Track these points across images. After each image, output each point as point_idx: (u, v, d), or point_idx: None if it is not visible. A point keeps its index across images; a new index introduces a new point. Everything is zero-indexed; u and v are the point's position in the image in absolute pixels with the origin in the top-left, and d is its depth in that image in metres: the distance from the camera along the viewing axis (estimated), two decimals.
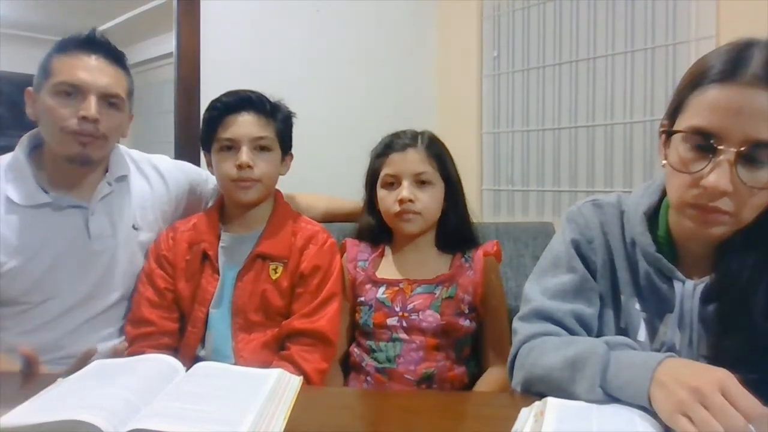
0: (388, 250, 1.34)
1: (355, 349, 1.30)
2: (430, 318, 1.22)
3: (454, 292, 1.25)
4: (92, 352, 1.06)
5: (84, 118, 1.12)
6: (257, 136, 1.24)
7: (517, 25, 2.28)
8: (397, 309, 1.24)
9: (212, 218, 1.30)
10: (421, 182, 1.25)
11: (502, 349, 1.22)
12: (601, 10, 2.03)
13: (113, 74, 1.18)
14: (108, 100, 1.17)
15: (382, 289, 1.27)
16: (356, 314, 1.30)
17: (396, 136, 1.31)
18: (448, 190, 1.29)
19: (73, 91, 1.13)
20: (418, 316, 1.23)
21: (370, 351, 1.26)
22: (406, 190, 1.24)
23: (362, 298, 1.28)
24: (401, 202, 1.23)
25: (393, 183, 1.27)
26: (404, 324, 1.23)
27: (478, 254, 1.29)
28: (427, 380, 1.22)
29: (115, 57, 1.21)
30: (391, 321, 1.24)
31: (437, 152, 1.28)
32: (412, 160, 1.25)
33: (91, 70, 1.15)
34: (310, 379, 1.17)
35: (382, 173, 1.28)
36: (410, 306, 1.24)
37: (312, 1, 2.09)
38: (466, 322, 1.25)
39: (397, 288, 1.26)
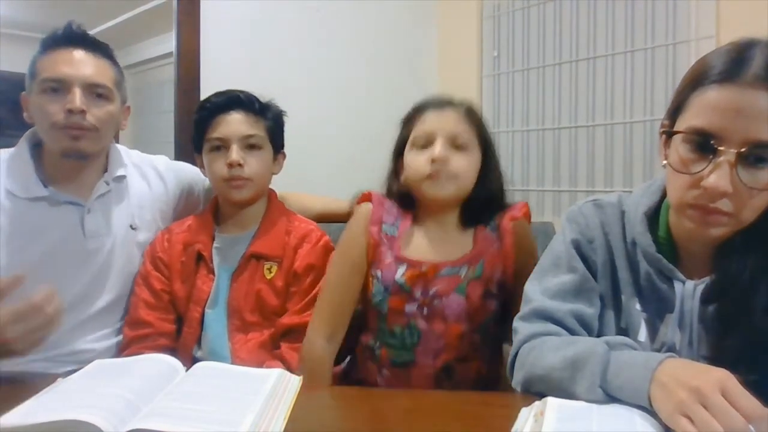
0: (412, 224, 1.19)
1: (362, 337, 1.20)
2: (454, 303, 1.10)
3: (482, 271, 1.11)
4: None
5: (70, 111, 1.13)
6: (246, 134, 1.24)
7: (517, 25, 2.28)
8: (418, 295, 1.11)
9: (206, 219, 1.30)
10: (457, 146, 1.10)
11: None
12: (601, 10, 2.04)
13: (96, 65, 1.18)
14: (94, 91, 1.16)
15: (401, 270, 1.12)
16: (369, 285, 1.16)
17: (432, 96, 1.18)
18: (485, 160, 1.14)
19: (59, 87, 1.14)
20: (441, 302, 1.10)
21: (379, 332, 1.16)
22: (440, 147, 1.08)
23: (378, 273, 1.13)
24: (434, 161, 1.07)
25: (425, 145, 1.11)
26: (425, 312, 1.11)
27: (505, 221, 1.15)
28: (446, 371, 1.12)
29: (98, 48, 1.20)
30: (410, 308, 1.11)
31: (476, 118, 1.15)
32: (449, 119, 1.11)
33: (73, 63, 1.15)
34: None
35: (414, 133, 1.13)
36: (432, 290, 1.10)
37: (312, 1, 2.09)
38: (493, 304, 1.12)
39: (419, 271, 1.11)
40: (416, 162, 1.11)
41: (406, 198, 1.17)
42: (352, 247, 1.17)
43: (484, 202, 1.15)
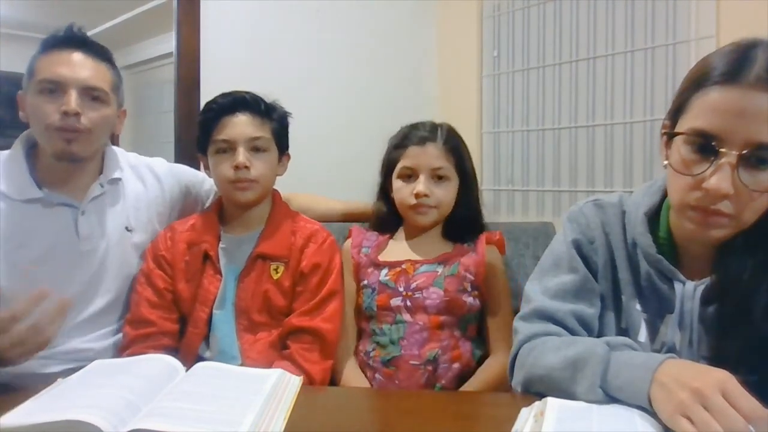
0: (397, 234, 1.36)
1: (359, 345, 1.31)
2: (434, 295, 1.23)
3: (457, 270, 1.26)
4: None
5: (65, 113, 1.12)
6: (253, 136, 1.24)
7: (517, 25, 2.28)
8: (401, 289, 1.25)
9: (211, 219, 1.30)
10: (438, 177, 1.27)
11: (504, 337, 1.24)
12: (601, 10, 2.03)
13: (94, 68, 1.18)
14: (90, 93, 1.16)
15: (384, 272, 1.28)
16: (359, 298, 1.31)
17: (415, 127, 1.32)
18: (463, 184, 1.31)
19: (55, 88, 1.13)
20: (422, 294, 1.24)
21: (372, 334, 1.27)
22: (422, 184, 1.25)
23: (365, 282, 1.30)
24: (417, 196, 1.26)
25: (410, 176, 1.29)
26: (408, 304, 1.24)
27: (481, 239, 1.32)
28: (432, 362, 1.22)
29: (97, 51, 1.20)
30: (395, 302, 1.25)
31: (455, 146, 1.30)
32: (431, 155, 1.27)
33: (71, 65, 1.15)
34: (312, 378, 1.17)
35: (400, 165, 1.30)
36: (413, 285, 1.25)
37: (312, 1, 2.09)
38: (469, 299, 1.25)
39: (399, 269, 1.28)
40: (402, 193, 1.29)
41: (397, 212, 1.33)
42: (346, 276, 1.33)
43: (464, 219, 1.32)
